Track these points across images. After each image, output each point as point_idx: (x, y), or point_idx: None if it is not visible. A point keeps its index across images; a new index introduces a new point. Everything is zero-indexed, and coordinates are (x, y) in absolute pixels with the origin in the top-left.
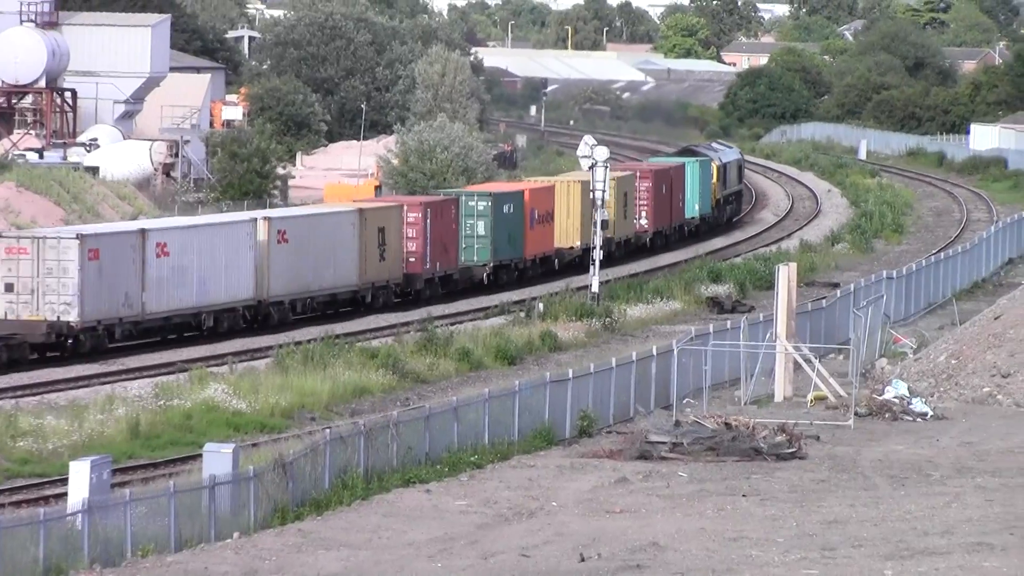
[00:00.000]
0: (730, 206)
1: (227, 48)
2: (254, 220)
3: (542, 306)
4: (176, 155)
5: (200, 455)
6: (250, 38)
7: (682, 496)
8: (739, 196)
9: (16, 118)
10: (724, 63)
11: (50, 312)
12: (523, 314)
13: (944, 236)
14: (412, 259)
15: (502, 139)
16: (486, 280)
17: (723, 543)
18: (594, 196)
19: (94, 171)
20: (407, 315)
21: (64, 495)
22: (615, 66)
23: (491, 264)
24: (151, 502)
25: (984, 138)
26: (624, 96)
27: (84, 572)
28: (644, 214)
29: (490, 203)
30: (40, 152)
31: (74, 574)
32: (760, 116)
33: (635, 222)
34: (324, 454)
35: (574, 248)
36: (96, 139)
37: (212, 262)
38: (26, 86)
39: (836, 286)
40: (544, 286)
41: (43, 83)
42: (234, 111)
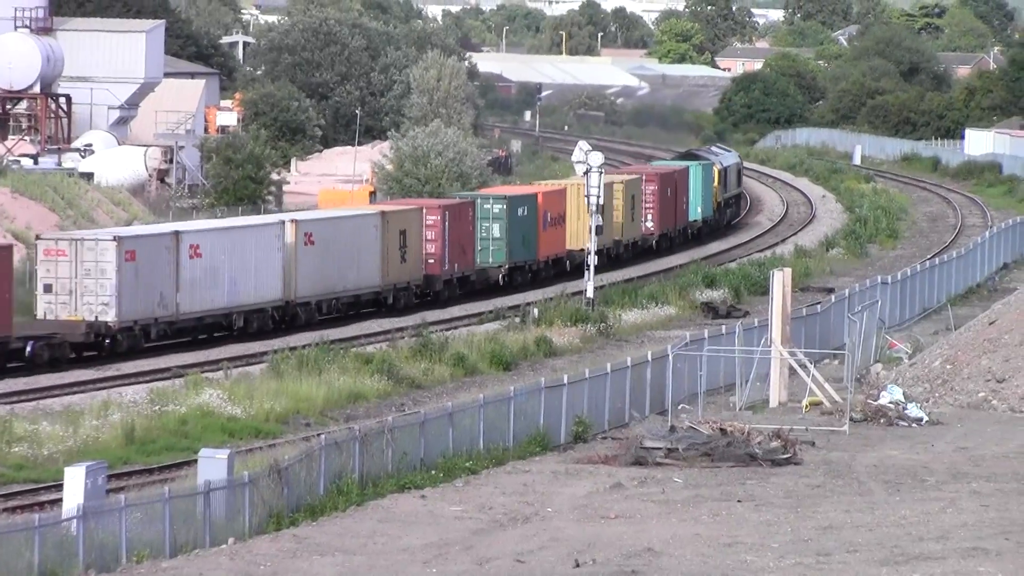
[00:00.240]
0: (730, 209)
1: (222, 54)
2: (282, 222)
3: (537, 311)
4: (171, 161)
5: (195, 461)
6: (244, 43)
7: (677, 502)
8: (738, 199)
9: (11, 124)
10: (719, 68)
11: (88, 312)
12: (518, 319)
13: (939, 241)
14: (431, 261)
15: (496, 144)
16: (501, 281)
17: (718, 549)
18: (589, 202)
19: (89, 177)
20: (402, 320)
21: (59, 501)
22: (610, 71)
23: (506, 266)
24: (146, 508)
25: (979, 143)
26: (619, 101)
27: None
28: (650, 217)
29: (505, 206)
30: (35, 158)
31: None
32: (755, 121)
33: (642, 225)
34: (319, 460)
35: (584, 250)
36: (91, 145)
37: (242, 263)
38: (21, 92)
39: (831, 291)
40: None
41: (38, 89)
42: (229, 117)
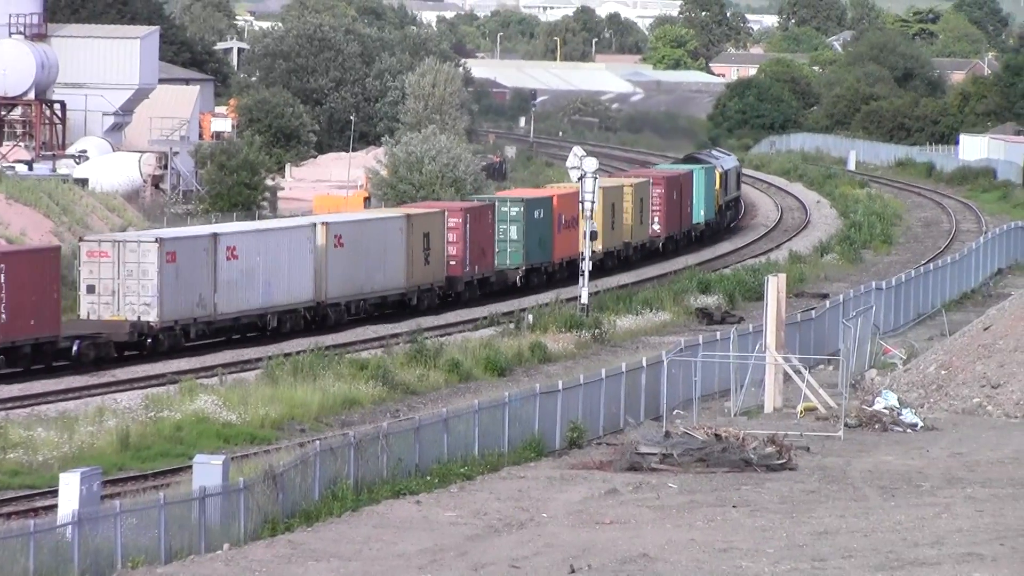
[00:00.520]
0: (730, 211)
1: (216, 60)
2: (313, 225)
3: (531, 317)
4: (165, 167)
5: (190, 467)
6: (239, 50)
7: (672, 507)
8: (737, 202)
9: (5, 130)
10: (713, 74)
11: (130, 312)
12: (513, 325)
13: (933, 247)
14: (453, 262)
15: (491, 150)
16: (519, 283)
17: (713, 554)
18: (583, 207)
19: (83, 183)
20: (397, 326)
21: (54, 507)
22: (604, 77)
23: (523, 267)
24: (141, 514)
25: (973, 148)
26: (613, 107)
27: None
28: (657, 219)
29: (522, 209)
30: (29, 164)
31: None
32: (749, 127)
33: (649, 227)
34: (314, 465)
35: (595, 252)
36: (85, 151)
37: (276, 265)
38: (15, 98)
39: (825, 297)
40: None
41: (32, 95)
42: (223, 123)
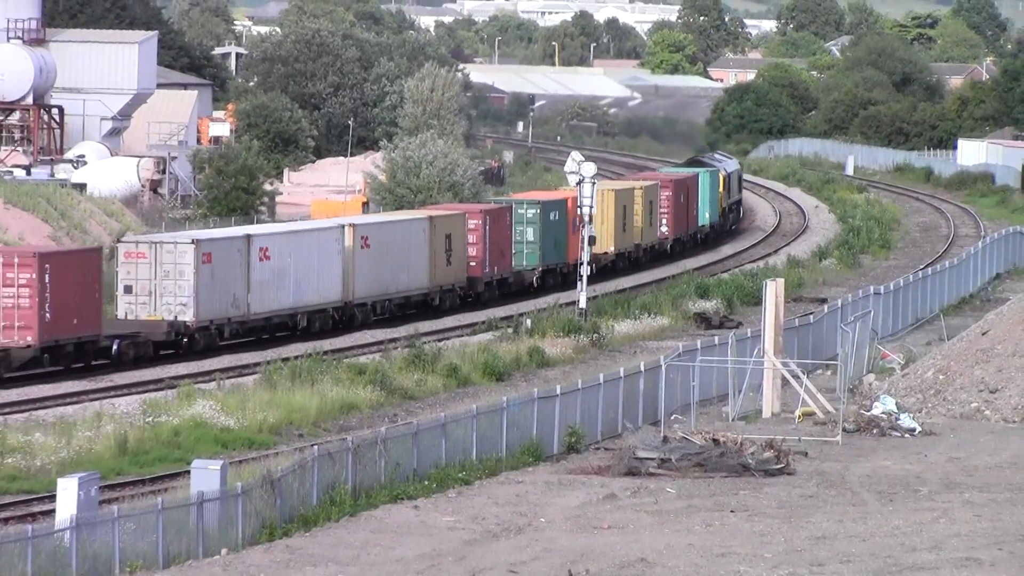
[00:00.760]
0: (732, 214)
1: (214, 65)
2: (341, 227)
3: (530, 322)
4: (163, 172)
5: (188, 472)
6: (237, 55)
7: (670, 512)
8: (739, 205)
9: (3, 135)
10: (711, 79)
11: (167, 312)
12: (511, 330)
13: (931, 251)
14: (473, 263)
15: (489, 155)
16: (535, 283)
17: (711, 559)
18: (581, 213)
19: (81, 188)
20: (395, 331)
21: (52, 512)
22: (602, 82)
23: (540, 268)
24: (139, 519)
25: (971, 153)
26: (611, 112)
27: None
28: (665, 222)
29: (539, 211)
30: (27, 169)
31: None
32: (747, 132)
33: (658, 229)
34: (312, 470)
35: (608, 253)
36: (83, 156)
37: (306, 266)
38: (13, 103)
39: (823, 302)
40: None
41: (30, 100)
42: (221, 127)
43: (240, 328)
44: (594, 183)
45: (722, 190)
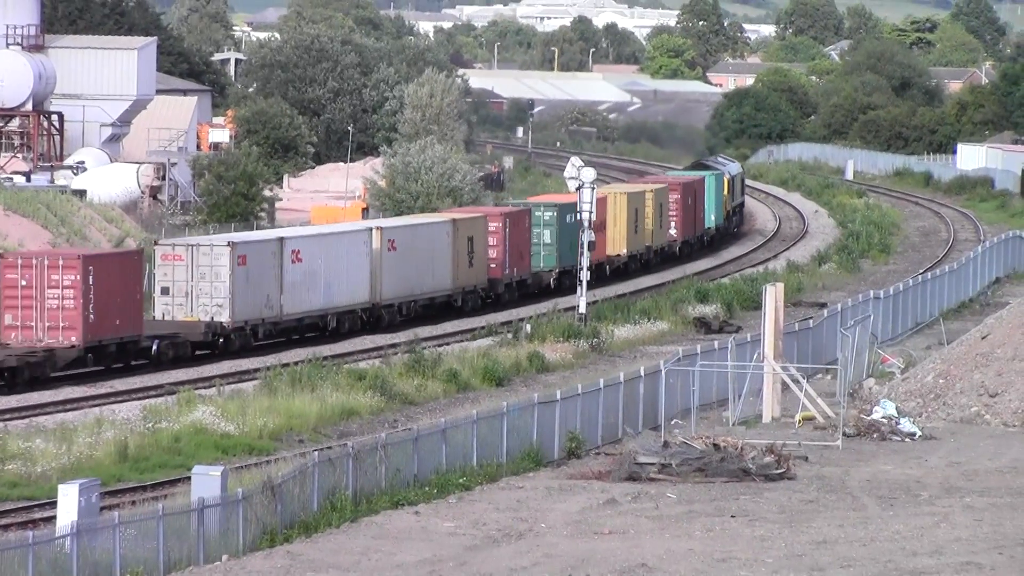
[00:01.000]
0: (735, 216)
1: (213, 71)
2: (369, 229)
3: (529, 327)
4: (163, 178)
5: (188, 478)
6: (236, 60)
7: (671, 517)
8: (742, 207)
9: (3, 141)
10: (710, 84)
11: (203, 313)
12: (511, 335)
13: (931, 256)
14: (494, 265)
15: (489, 160)
16: (552, 285)
17: (712, 564)
18: (581, 218)
19: (81, 194)
20: (395, 336)
21: (53, 518)
22: (601, 87)
23: (557, 270)
24: (140, 525)
25: (970, 158)
26: (611, 117)
27: None
28: (674, 224)
29: (555, 213)
30: (27, 175)
31: None
32: (747, 136)
33: (667, 232)
34: (312, 476)
35: (621, 255)
36: (83, 162)
37: (336, 268)
38: (13, 109)
39: (823, 306)
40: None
41: (30, 106)
42: (221, 133)
43: (273, 329)
44: (594, 188)
45: (726, 193)
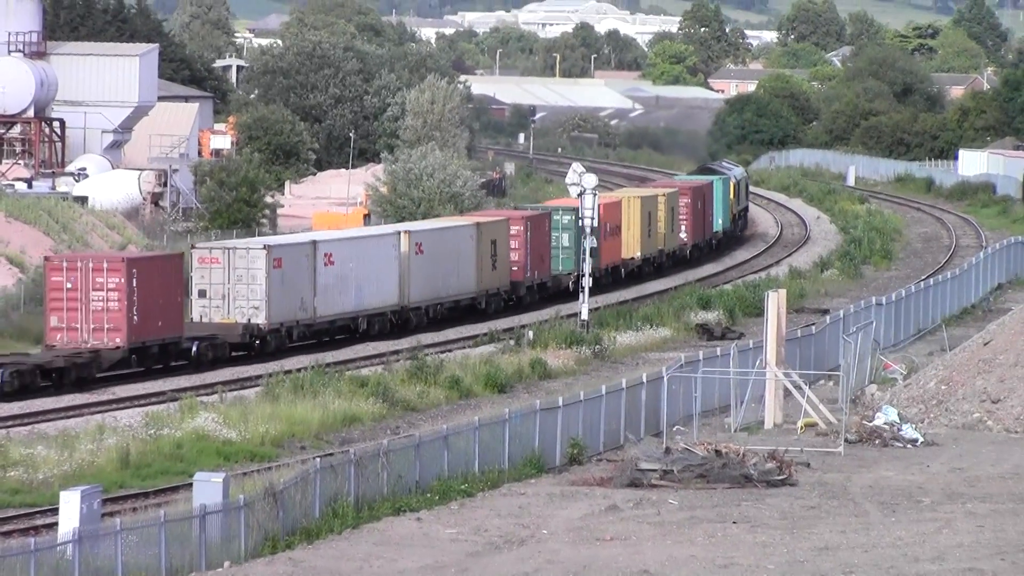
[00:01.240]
0: (740, 220)
1: (215, 77)
2: (398, 233)
3: (532, 334)
4: (165, 184)
5: (190, 484)
6: (238, 67)
7: (672, 523)
8: (746, 211)
9: (5, 148)
10: (712, 90)
11: (240, 315)
12: (513, 342)
13: (933, 262)
14: (515, 268)
15: (490, 166)
16: (571, 288)
17: (714, 570)
18: (583, 224)
19: (83, 201)
20: (397, 343)
21: (55, 525)
22: (603, 93)
23: (575, 273)
24: (141, 531)
25: (972, 164)
26: (612, 123)
27: None
28: (684, 228)
29: (573, 217)
30: (29, 182)
31: None
32: (748, 143)
33: (678, 235)
34: (314, 483)
35: (635, 259)
36: (85, 168)
37: (366, 271)
38: (14, 116)
39: (825, 312)
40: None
41: (31, 113)
42: (222, 140)
43: (307, 331)
44: (595, 194)
45: (732, 197)
